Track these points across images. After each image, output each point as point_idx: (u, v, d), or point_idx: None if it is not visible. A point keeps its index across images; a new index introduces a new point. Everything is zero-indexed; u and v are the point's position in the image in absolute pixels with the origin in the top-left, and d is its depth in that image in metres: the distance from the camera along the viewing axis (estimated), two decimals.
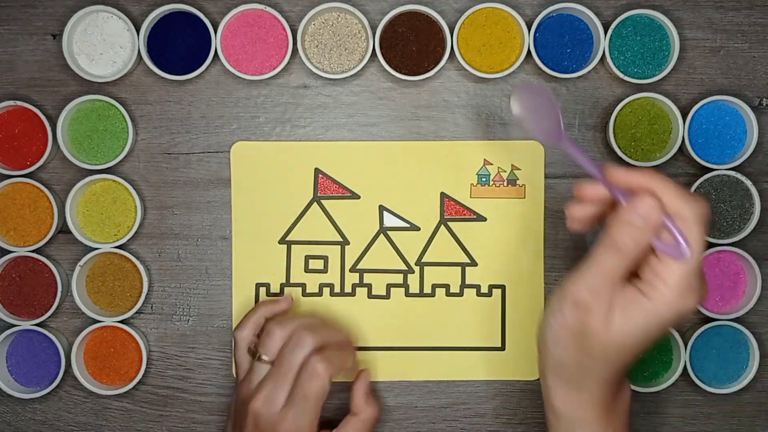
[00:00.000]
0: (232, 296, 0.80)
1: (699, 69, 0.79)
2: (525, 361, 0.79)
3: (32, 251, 0.77)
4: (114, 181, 0.78)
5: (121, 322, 0.78)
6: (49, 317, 0.78)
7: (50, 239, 0.77)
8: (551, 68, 0.76)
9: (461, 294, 0.80)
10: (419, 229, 0.80)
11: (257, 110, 0.80)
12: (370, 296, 0.80)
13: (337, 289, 0.80)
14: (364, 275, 0.80)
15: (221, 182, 0.79)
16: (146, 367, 0.78)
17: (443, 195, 0.80)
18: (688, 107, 0.77)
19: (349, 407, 0.75)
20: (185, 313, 0.80)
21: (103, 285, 0.79)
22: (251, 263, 0.79)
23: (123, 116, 0.77)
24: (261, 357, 0.72)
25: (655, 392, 0.78)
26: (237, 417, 0.73)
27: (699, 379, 0.77)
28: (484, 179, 0.79)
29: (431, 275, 0.80)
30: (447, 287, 0.80)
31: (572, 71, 0.77)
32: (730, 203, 0.77)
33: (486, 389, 0.80)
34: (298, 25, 0.77)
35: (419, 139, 0.80)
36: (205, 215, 0.80)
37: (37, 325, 0.78)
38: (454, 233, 0.80)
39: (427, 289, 0.80)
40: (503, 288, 0.80)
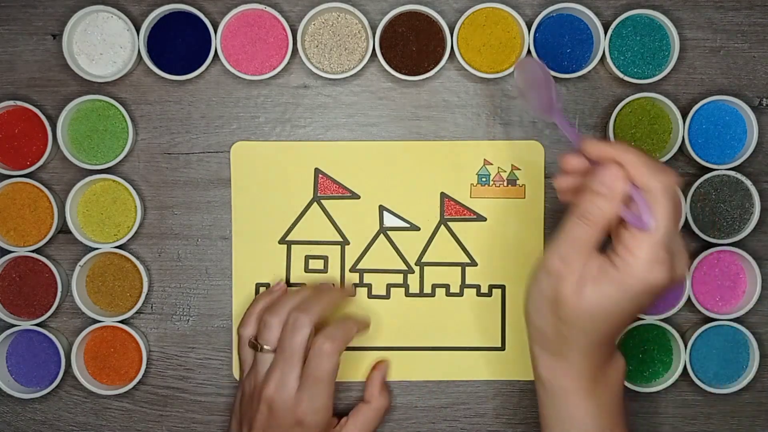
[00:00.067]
0: (232, 296, 0.80)
1: (699, 69, 0.79)
2: (525, 361, 0.79)
3: (32, 251, 0.77)
4: (114, 181, 0.78)
5: (121, 322, 0.78)
6: (49, 317, 0.78)
7: (50, 239, 0.77)
8: (551, 68, 0.76)
9: (461, 294, 0.80)
10: (419, 229, 0.80)
11: (257, 110, 0.79)
12: (370, 296, 0.80)
13: None
14: (364, 275, 0.80)
15: (221, 182, 0.79)
16: (146, 367, 0.78)
17: (443, 195, 0.80)
18: (688, 107, 0.77)
19: (363, 396, 0.77)
20: (185, 313, 0.80)
21: (103, 285, 0.79)
22: (251, 263, 0.79)
23: (123, 116, 0.77)
24: (263, 348, 0.72)
25: (655, 392, 0.78)
26: (244, 413, 0.73)
27: (699, 379, 0.77)
28: (484, 179, 0.79)
29: (431, 275, 0.80)
30: (447, 287, 0.80)
31: (572, 71, 0.77)
32: (730, 203, 0.77)
33: (486, 389, 0.80)
34: (298, 25, 0.77)
35: (419, 139, 0.80)
36: (205, 215, 0.80)
37: (37, 325, 0.78)
38: (454, 233, 0.80)
39: (427, 289, 0.80)
40: (503, 288, 0.80)
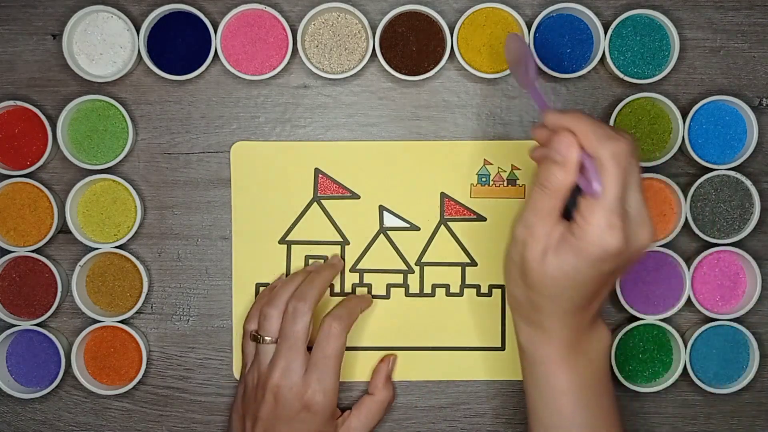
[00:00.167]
0: (232, 296, 0.80)
1: (699, 69, 0.79)
2: None
3: (32, 251, 0.77)
4: (114, 181, 0.78)
5: (121, 322, 0.78)
6: (49, 317, 0.78)
7: (50, 239, 0.77)
8: (551, 68, 0.76)
9: (461, 294, 0.80)
10: (419, 229, 0.80)
11: (257, 110, 0.79)
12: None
13: (337, 289, 0.80)
14: (364, 275, 0.80)
15: (221, 182, 0.79)
16: (146, 367, 0.78)
17: (443, 195, 0.80)
18: (688, 107, 0.77)
19: (367, 388, 0.78)
20: (185, 313, 0.80)
21: (103, 285, 0.79)
22: (251, 263, 0.79)
23: (123, 116, 0.77)
24: (264, 339, 0.73)
25: (655, 392, 0.78)
26: (247, 406, 0.73)
27: (699, 379, 0.77)
28: (484, 179, 0.79)
29: (431, 275, 0.80)
30: (447, 287, 0.80)
31: (572, 71, 0.77)
32: (730, 203, 0.77)
33: (486, 389, 0.80)
34: (298, 25, 0.77)
35: (419, 139, 0.80)
36: (205, 215, 0.80)
37: (37, 325, 0.78)
38: (454, 233, 0.80)
39: (427, 289, 0.80)
40: (503, 288, 0.79)
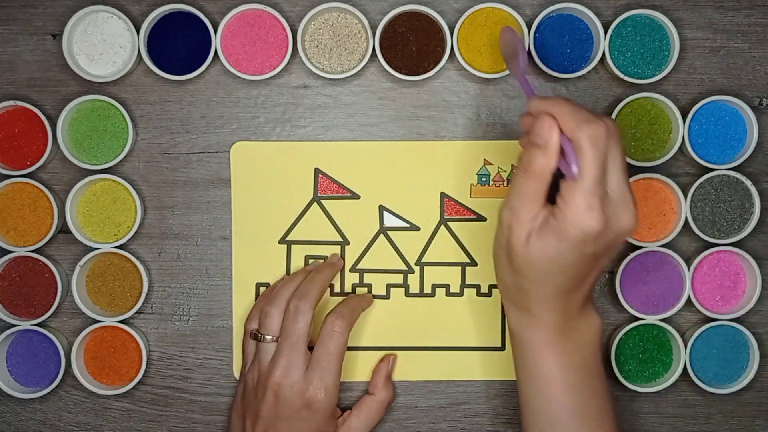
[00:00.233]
0: (232, 296, 0.80)
1: (699, 69, 0.79)
2: None
3: (32, 251, 0.77)
4: (114, 181, 0.78)
5: (121, 322, 0.78)
6: (49, 317, 0.78)
7: (50, 239, 0.77)
8: (551, 68, 0.76)
9: (461, 294, 0.80)
10: (419, 229, 0.80)
11: (257, 110, 0.79)
12: None
13: (337, 289, 0.80)
14: (364, 275, 0.80)
15: (221, 182, 0.79)
16: (146, 367, 0.78)
17: (443, 195, 0.80)
18: (688, 107, 0.77)
19: (368, 388, 0.78)
20: (185, 313, 0.80)
21: (103, 285, 0.79)
22: (251, 263, 0.79)
23: (123, 116, 0.77)
24: (264, 337, 0.73)
25: (655, 392, 0.78)
26: (248, 405, 0.73)
27: (699, 379, 0.77)
28: (484, 179, 0.79)
29: (431, 275, 0.80)
30: (447, 287, 0.80)
31: (572, 71, 0.77)
32: (730, 203, 0.77)
33: (486, 389, 0.80)
34: (298, 25, 0.77)
35: (419, 139, 0.80)
36: (205, 215, 0.80)
37: (37, 325, 0.78)
38: (454, 233, 0.80)
39: (427, 289, 0.80)
40: None
